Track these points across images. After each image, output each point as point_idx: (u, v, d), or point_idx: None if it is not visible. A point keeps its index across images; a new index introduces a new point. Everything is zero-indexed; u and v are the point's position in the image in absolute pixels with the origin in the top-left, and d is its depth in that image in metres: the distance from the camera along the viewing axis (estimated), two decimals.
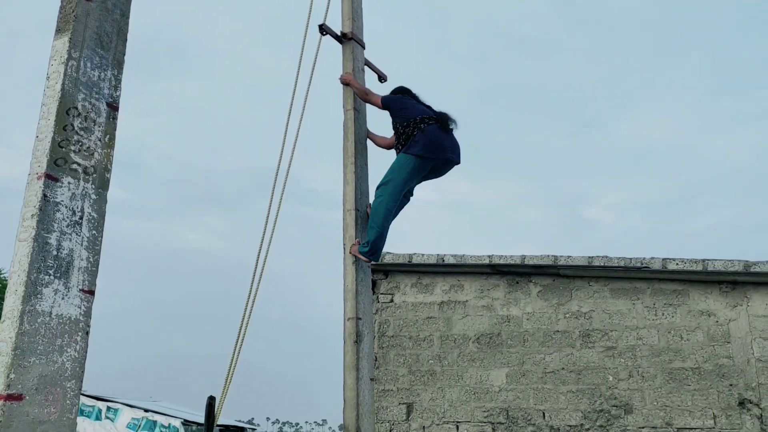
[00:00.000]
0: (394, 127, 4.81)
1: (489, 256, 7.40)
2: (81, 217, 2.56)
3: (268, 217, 4.65)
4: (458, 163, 4.76)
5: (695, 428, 6.36)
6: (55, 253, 2.45)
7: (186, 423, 18.16)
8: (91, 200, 2.61)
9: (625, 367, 6.77)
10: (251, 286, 4.55)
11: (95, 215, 2.62)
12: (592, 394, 6.83)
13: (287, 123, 4.81)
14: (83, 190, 2.58)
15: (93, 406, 17.62)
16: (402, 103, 4.86)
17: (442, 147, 4.60)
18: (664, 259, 6.71)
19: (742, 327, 6.44)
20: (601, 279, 7.13)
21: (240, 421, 24.56)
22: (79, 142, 2.59)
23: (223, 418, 21.78)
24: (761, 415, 6.16)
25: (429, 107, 4.90)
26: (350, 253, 4.53)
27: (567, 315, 7.19)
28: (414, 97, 5.02)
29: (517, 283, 7.51)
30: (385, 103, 4.90)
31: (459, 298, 7.73)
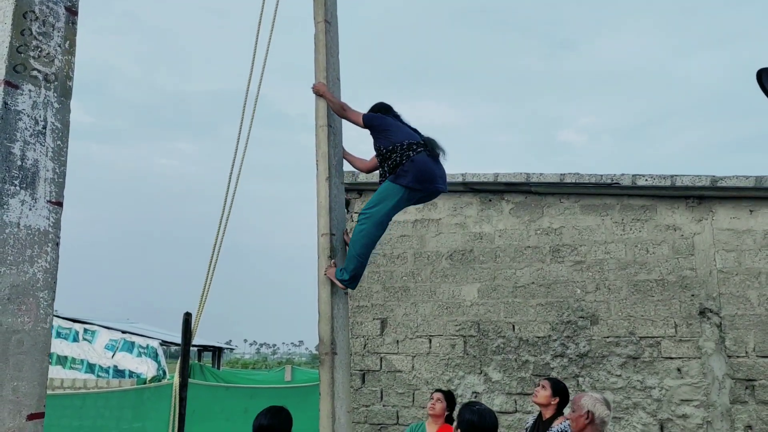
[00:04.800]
0: (377, 149, 4.46)
1: (462, 174, 7.43)
2: (44, 127, 2.49)
3: (238, 140, 4.63)
4: (445, 191, 4.53)
5: (657, 337, 6.63)
6: (19, 163, 2.39)
7: (164, 343, 18.41)
8: (54, 109, 2.54)
9: (592, 280, 6.97)
10: (223, 207, 4.59)
11: (59, 125, 2.56)
12: (560, 306, 7.04)
13: (255, 44, 4.69)
14: (45, 98, 2.51)
15: (70, 329, 17.71)
16: (385, 123, 4.47)
17: (432, 177, 4.31)
18: (633, 176, 6.81)
19: (706, 240, 6.63)
20: (572, 196, 7.23)
21: (218, 342, 24.95)
22: (38, 47, 2.50)
23: (201, 339, 22.10)
24: (720, 323, 6.43)
25: (415, 130, 4.53)
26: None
27: (538, 231, 7.31)
28: (396, 116, 4.64)
29: (490, 200, 7.58)
30: (367, 122, 4.49)
31: (432, 216, 7.80)
